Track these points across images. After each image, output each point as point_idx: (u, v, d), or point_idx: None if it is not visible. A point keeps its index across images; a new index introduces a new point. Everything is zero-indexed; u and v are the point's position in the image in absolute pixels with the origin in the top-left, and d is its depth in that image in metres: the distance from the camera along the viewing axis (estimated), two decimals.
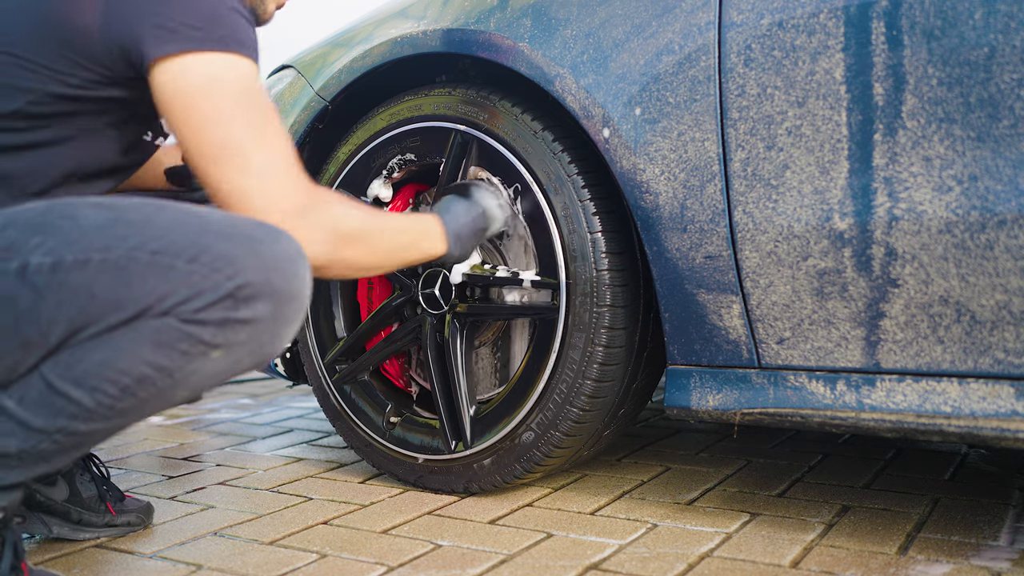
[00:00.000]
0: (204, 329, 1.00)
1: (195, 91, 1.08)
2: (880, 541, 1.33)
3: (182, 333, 0.99)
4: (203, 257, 1.00)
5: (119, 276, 0.99)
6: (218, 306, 1.00)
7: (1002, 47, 1.10)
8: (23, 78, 1.10)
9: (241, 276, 1.00)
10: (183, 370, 1.01)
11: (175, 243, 1.01)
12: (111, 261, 1.00)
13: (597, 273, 1.44)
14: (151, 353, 1.00)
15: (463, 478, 1.61)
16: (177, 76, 1.08)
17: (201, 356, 1.01)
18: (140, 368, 1.00)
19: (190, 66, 1.08)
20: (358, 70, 1.68)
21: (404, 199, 1.76)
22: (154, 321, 0.99)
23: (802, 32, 1.22)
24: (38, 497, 1.39)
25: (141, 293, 0.99)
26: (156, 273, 0.99)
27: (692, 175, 1.32)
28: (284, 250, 1.04)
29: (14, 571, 1.11)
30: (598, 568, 1.25)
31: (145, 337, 0.99)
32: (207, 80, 1.09)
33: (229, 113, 1.09)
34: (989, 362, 1.16)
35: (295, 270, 1.05)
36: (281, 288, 1.03)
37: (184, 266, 1.00)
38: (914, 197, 1.17)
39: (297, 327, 1.08)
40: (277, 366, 1.94)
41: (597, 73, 1.39)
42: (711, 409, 1.37)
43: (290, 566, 1.29)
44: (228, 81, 1.10)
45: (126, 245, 1.00)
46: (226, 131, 1.09)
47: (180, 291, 0.99)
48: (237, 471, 1.86)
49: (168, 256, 1.00)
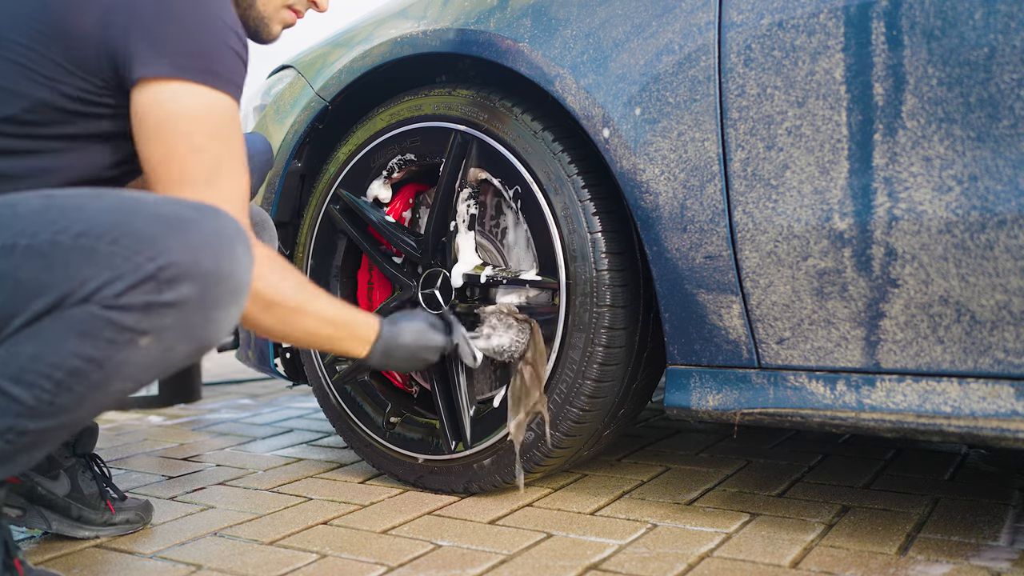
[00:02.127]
0: (127, 315, 0.95)
1: (175, 115, 1.08)
2: (880, 541, 1.33)
3: (105, 320, 0.95)
4: (124, 239, 0.96)
5: (42, 261, 0.96)
6: (139, 289, 0.95)
7: (1002, 47, 1.10)
8: (20, 83, 1.10)
9: (163, 256, 0.96)
10: (112, 360, 0.97)
11: (99, 225, 0.97)
12: (35, 246, 0.97)
13: (597, 273, 1.44)
14: (77, 344, 0.96)
15: (463, 478, 1.61)
16: (162, 98, 1.08)
17: (129, 344, 0.96)
18: (70, 361, 0.96)
19: (177, 92, 1.09)
20: (358, 70, 1.68)
21: (404, 199, 1.76)
22: (77, 309, 0.96)
23: (802, 32, 1.22)
24: (39, 490, 1.39)
25: (62, 277, 0.96)
26: (78, 257, 0.96)
27: (692, 175, 1.32)
28: (216, 229, 1.00)
29: (7, 568, 1.11)
30: (598, 568, 1.25)
31: (70, 327, 0.96)
32: (190, 109, 1.09)
33: (201, 145, 1.09)
34: (989, 362, 1.16)
35: (228, 250, 1.00)
36: (209, 268, 0.98)
37: (105, 248, 0.96)
38: (914, 197, 1.17)
39: (235, 311, 1.03)
40: (277, 366, 1.94)
41: (597, 73, 1.39)
42: (711, 409, 1.37)
43: (290, 566, 1.29)
44: (211, 114, 1.10)
45: (52, 229, 0.98)
46: (194, 161, 1.09)
47: (101, 274, 0.95)
48: (237, 471, 1.86)
49: (90, 239, 0.96)
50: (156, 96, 1.09)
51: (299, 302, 1.24)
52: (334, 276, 1.79)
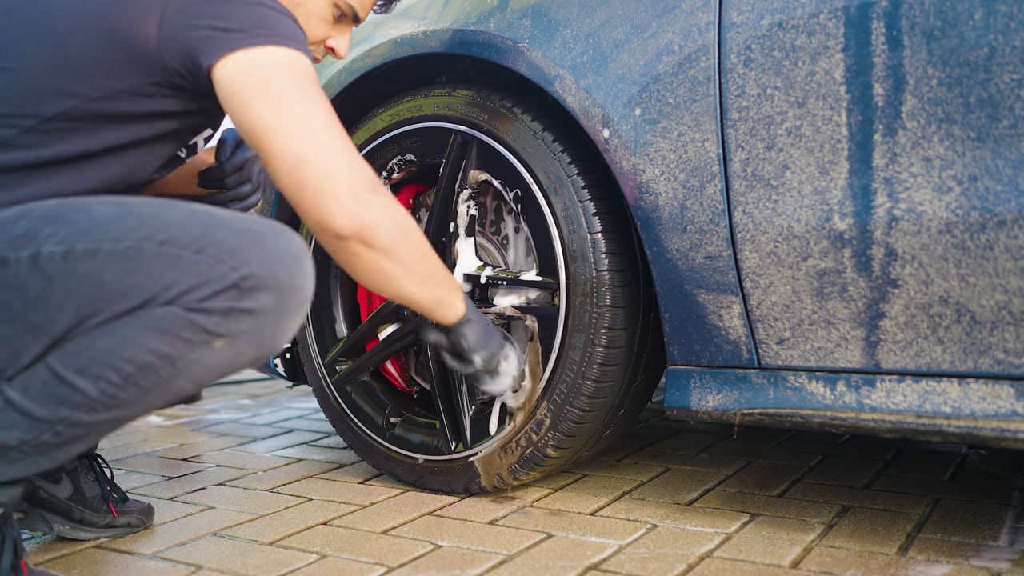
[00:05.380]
0: (208, 318, 1.02)
1: (267, 68, 1.11)
2: (880, 541, 1.33)
3: (186, 321, 1.01)
4: (209, 248, 1.02)
5: (127, 265, 1.02)
6: (222, 295, 1.01)
7: (1002, 47, 1.10)
8: (72, 83, 1.11)
9: (246, 267, 1.02)
10: (185, 359, 1.03)
11: (183, 235, 1.03)
12: (120, 251, 1.02)
13: (597, 273, 1.44)
14: (155, 341, 1.01)
15: (463, 478, 1.61)
16: (247, 61, 1.10)
17: (204, 345, 1.03)
18: (143, 356, 1.02)
19: (259, 54, 1.11)
20: (358, 70, 1.68)
21: (404, 199, 1.76)
22: (159, 309, 1.01)
23: (802, 33, 1.22)
24: (41, 494, 1.40)
25: (148, 281, 1.01)
26: (163, 263, 1.02)
27: (692, 175, 1.32)
28: (288, 245, 1.07)
29: (13, 570, 1.12)
30: (598, 568, 1.25)
31: (149, 325, 1.01)
32: (278, 62, 1.12)
33: (301, 90, 1.12)
34: (989, 362, 1.16)
35: (299, 265, 1.07)
36: (285, 281, 1.05)
37: (191, 256, 1.02)
38: (914, 197, 1.17)
39: (299, 322, 1.09)
40: (277, 367, 1.94)
41: (597, 74, 1.39)
42: (711, 409, 1.37)
43: (290, 566, 1.29)
44: (299, 65, 1.13)
45: (135, 236, 1.03)
46: (303, 106, 1.12)
47: (186, 280, 1.01)
48: (237, 472, 1.86)
49: (175, 247, 1.02)
50: (238, 62, 1.10)
51: (424, 239, 1.27)
52: (334, 276, 1.79)
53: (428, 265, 1.27)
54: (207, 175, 1.45)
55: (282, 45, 1.12)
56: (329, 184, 1.11)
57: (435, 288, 1.30)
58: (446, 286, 1.32)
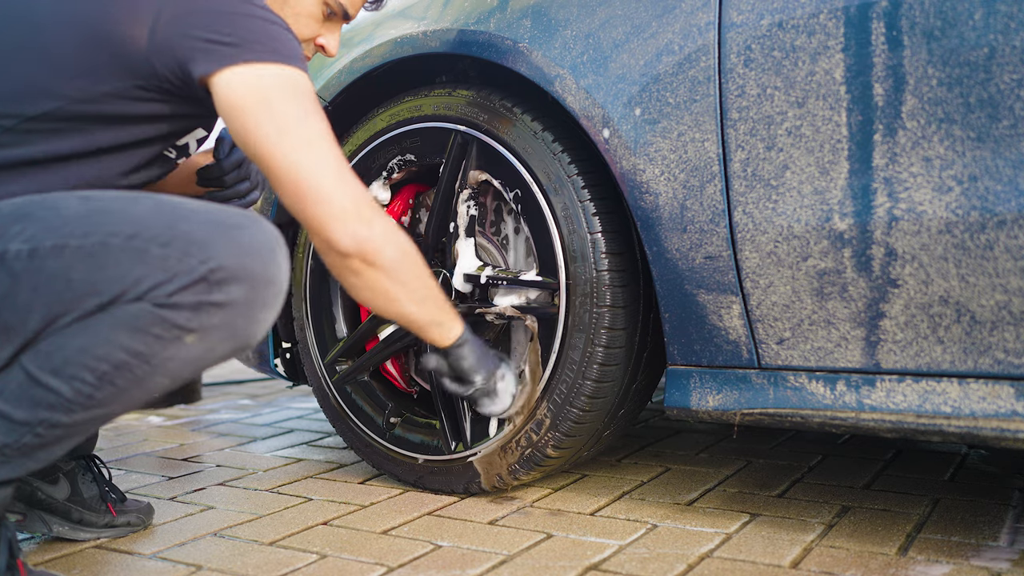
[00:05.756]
0: (178, 313, 1.00)
1: (270, 87, 1.11)
2: (880, 541, 1.33)
3: (156, 317, 1.00)
4: (177, 242, 1.01)
5: (94, 261, 1.01)
6: (191, 289, 1.00)
7: (1002, 47, 1.10)
8: (55, 84, 1.11)
9: (215, 260, 1.01)
10: (159, 356, 1.02)
11: (149, 229, 1.02)
12: (87, 247, 1.01)
13: (597, 274, 1.44)
14: (127, 338, 1.00)
15: (463, 478, 1.61)
16: (248, 76, 1.11)
17: (176, 341, 1.02)
18: (116, 354, 1.01)
19: (261, 71, 1.12)
20: (358, 70, 1.68)
21: (404, 199, 1.76)
22: (129, 306, 1.00)
23: (802, 33, 1.22)
24: (39, 495, 1.39)
25: (115, 277, 1.00)
26: (130, 258, 1.00)
27: (692, 175, 1.32)
28: (261, 235, 1.05)
29: (10, 570, 1.11)
30: (598, 568, 1.25)
31: (121, 322, 1.00)
32: (280, 80, 1.12)
33: (304, 110, 1.13)
34: (989, 362, 1.16)
35: (272, 256, 1.06)
36: (258, 272, 1.04)
37: (158, 250, 1.01)
38: (914, 197, 1.17)
39: (275, 313, 1.08)
40: (277, 367, 1.94)
41: (597, 74, 1.39)
42: (711, 409, 1.37)
43: (290, 567, 1.29)
44: (300, 84, 1.14)
45: (102, 231, 1.02)
46: (306, 128, 1.13)
47: (154, 275, 1.00)
48: (237, 472, 1.86)
49: (142, 241, 1.01)
50: (243, 76, 1.11)
51: (421, 261, 1.29)
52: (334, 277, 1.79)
53: (427, 286, 1.30)
54: (205, 173, 1.45)
55: (284, 63, 1.13)
56: (335, 205, 1.13)
57: (433, 309, 1.32)
58: (443, 308, 1.35)
